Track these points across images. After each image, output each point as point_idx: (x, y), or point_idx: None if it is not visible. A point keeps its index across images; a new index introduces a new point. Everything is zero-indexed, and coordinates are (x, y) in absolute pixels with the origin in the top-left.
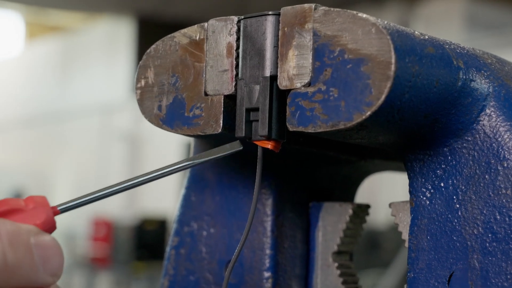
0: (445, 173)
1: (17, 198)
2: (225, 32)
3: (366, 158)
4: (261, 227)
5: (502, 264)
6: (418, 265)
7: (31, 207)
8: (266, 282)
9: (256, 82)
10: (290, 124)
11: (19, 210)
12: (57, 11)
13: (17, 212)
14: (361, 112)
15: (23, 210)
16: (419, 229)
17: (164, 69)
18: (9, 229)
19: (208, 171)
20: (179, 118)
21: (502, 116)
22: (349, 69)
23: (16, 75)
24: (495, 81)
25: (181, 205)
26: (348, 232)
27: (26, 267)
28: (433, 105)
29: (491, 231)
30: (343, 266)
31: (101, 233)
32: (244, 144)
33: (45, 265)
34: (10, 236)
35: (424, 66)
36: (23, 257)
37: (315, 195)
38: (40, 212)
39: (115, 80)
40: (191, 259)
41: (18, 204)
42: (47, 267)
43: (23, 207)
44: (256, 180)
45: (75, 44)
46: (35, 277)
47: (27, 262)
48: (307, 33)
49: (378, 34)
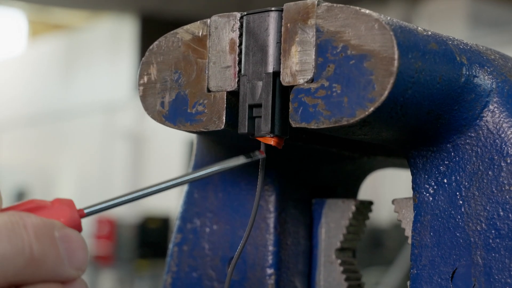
0: (448, 169)
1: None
2: (227, 28)
3: (369, 155)
4: (264, 224)
5: (506, 261)
6: (421, 261)
7: (57, 206)
8: (269, 278)
9: (259, 78)
10: (293, 120)
11: (44, 208)
12: (60, 9)
13: (43, 209)
14: (364, 108)
15: (48, 208)
16: (422, 226)
17: (167, 66)
18: (34, 222)
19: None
20: (181, 115)
21: (506, 112)
22: (352, 65)
23: (19, 74)
24: (498, 77)
25: (184, 202)
26: (351, 228)
27: (52, 259)
28: (436, 101)
29: (494, 228)
30: (346, 263)
31: (104, 231)
32: (247, 140)
33: (70, 259)
34: (36, 228)
35: (427, 62)
36: (49, 249)
37: (318, 191)
38: (65, 210)
39: (118, 78)
40: (194, 256)
41: (44, 203)
42: (72, 261)
43: (48, 205)
44: (259, 177)
45: (78, 43)
46: (60, 270)
47: (52, 255)
48: (310, 29)
49: (381, 30)
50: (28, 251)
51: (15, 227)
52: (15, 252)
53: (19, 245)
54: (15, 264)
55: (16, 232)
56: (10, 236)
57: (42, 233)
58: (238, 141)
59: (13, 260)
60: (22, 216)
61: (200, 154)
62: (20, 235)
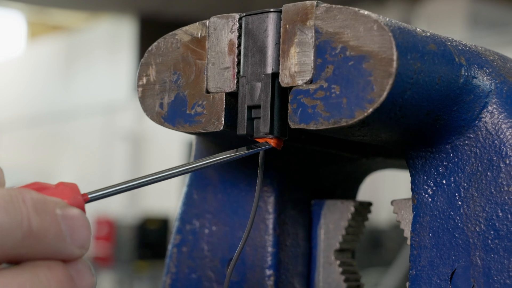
0: (447, 170)
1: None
2: (226, 29)
3: (368, 156)
4: (263, 225)
5: (505, 262)
6: (420, 262)
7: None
8: (268, 279)
9: (257, 80)
10: (292, 122)
11: (48, 188)
12: (59, 10)
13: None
14: (363, 109)
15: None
16: (421, 227)
17: (166, 67)
18: (34, 197)
19: (210, 169)
20: (180, 116)
21: (504, 113)
22: (351, 66)
23: (18, 75)
24: (497, 78)
25: (183, 203)
26: (350, 229)
27: (52, 235)
28: (435, 102)
29: (493, 228)
30: (345, 264)
31: (103, 232)
32: (246, 141)
33: (72, 236)
34: (35, 203)
35: (426, 63)
36: (49, 224)
37: (317, 192)
38: (69, 192)
39: (118, 79)
40: (193, 257)
41: (48, 185)
42: (74, 238)
43: (52, 187)
44: (258, 178)
45: (77, 44)
46: (62, 246)
47: (53, 230)
48: (308, 30)
49: (380, 31)
50: (26, 224)
51: (14, 200)
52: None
53: (17, 218)
54: (13, 236)
55: (15, 205)
56: (7, 208)
57: (42, 208)
58: (237, 142)
59: (10, 232)
60: (21, 191)
61: (199, 155)
62: (18, 208)
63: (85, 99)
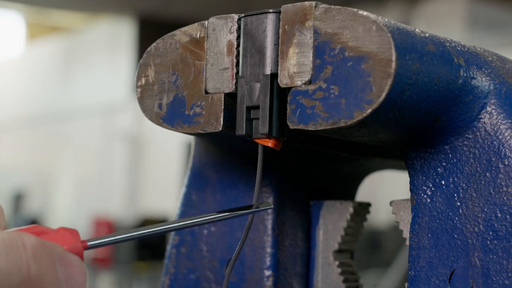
0: (446, 171)
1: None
2: (225, 30)
3: (367, 156)
4: (262, 226)
5: (503, 262)
6: (419, 263)
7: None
8: (267, 280)
9: (256, 80)
10: (291, 122)
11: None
12: (58, 11)
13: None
14: (362, 110)
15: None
16: (420, 227)
17: (165, 67)
18: (34, 243)
19: (209, 170)
20: (179, 116)
21: (503, 114)
22: (349, 67)
23: (18, 76)
24: (496, 78)
25: (182, 204)
26: (349, 230)
27: (49, 281)
28: (434, 102)
29: (492, 229)
30: (344, 265)
31: (102, 232)
32: (245, 142)
33: (68, 282)
34: (34, 248)
35: (425, 63)
36: (47, 271)
37: (316, 193)
38: (68, 238)
39: (117, 80)
40: (192, 258)
41: (48, 229)
42: (70, 284)
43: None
44: (257, 179)
45: (76, 45)
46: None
47: (50, 277)
48: (307, 31)
49: (378, 32)
50: (25, 270)
51: (13, 244)
52: (11, 269)
53: (16, 263)
54: (12, 281)
55: (14, 249)
56: (7, 253)
57: (41, 253)
58: (236, 142)
59: (10, 277)
60: (21, 235)
61: (198, 156)
62: (18, 253)
63: (84, 99)
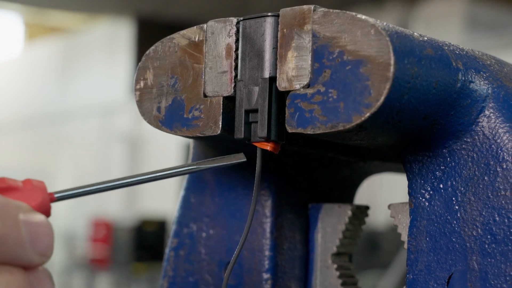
0: (444, 174)
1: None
2: (224, 33)
3: (365, 160)
4: (260, 229)
5: (501, 266)
6: (417, 266)
7: (28, 188)
8: (266, 283)
9: (255, 84)
10: (289, 126)
11: (15, 189)
12: (57, 12)
13: (13, 190)
14: (360, 114)
15: (19, 189)
16: (418, 231)
17: (163, 71)
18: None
19: (207, 173)
20: (178, 120)
21: (501, 118)
22: (348, 71)
23: (16, 77)
24: (494, 82)
25: (180, 207)
26: (347, 233)
27: (12, 241)
28: (432, 106)
29: (490, 233)
30: (342, 268)
31: (100, 234)
32: (243, 145)
33: (34, 243)
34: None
35: (423, 67)
36: (10, 230)
37: (314, 196)
38: (36, 194)
39: (116, 81)
40: (190, 261)
41: (15, 183)
42: (35, 245)
43: (20, 187)
44: (255, 182)
45: (75, 45)
46: (21, 253)
47: (13, 236)
48: (306, 35)
49: (377, 36)
50: None
51: None
52: None
53: None
54: None
55: None
56: None
57: (4, 212)
58: (234, 146)
59: None
60: None
61: (196, 159)
62: None
63: (83, 100)
